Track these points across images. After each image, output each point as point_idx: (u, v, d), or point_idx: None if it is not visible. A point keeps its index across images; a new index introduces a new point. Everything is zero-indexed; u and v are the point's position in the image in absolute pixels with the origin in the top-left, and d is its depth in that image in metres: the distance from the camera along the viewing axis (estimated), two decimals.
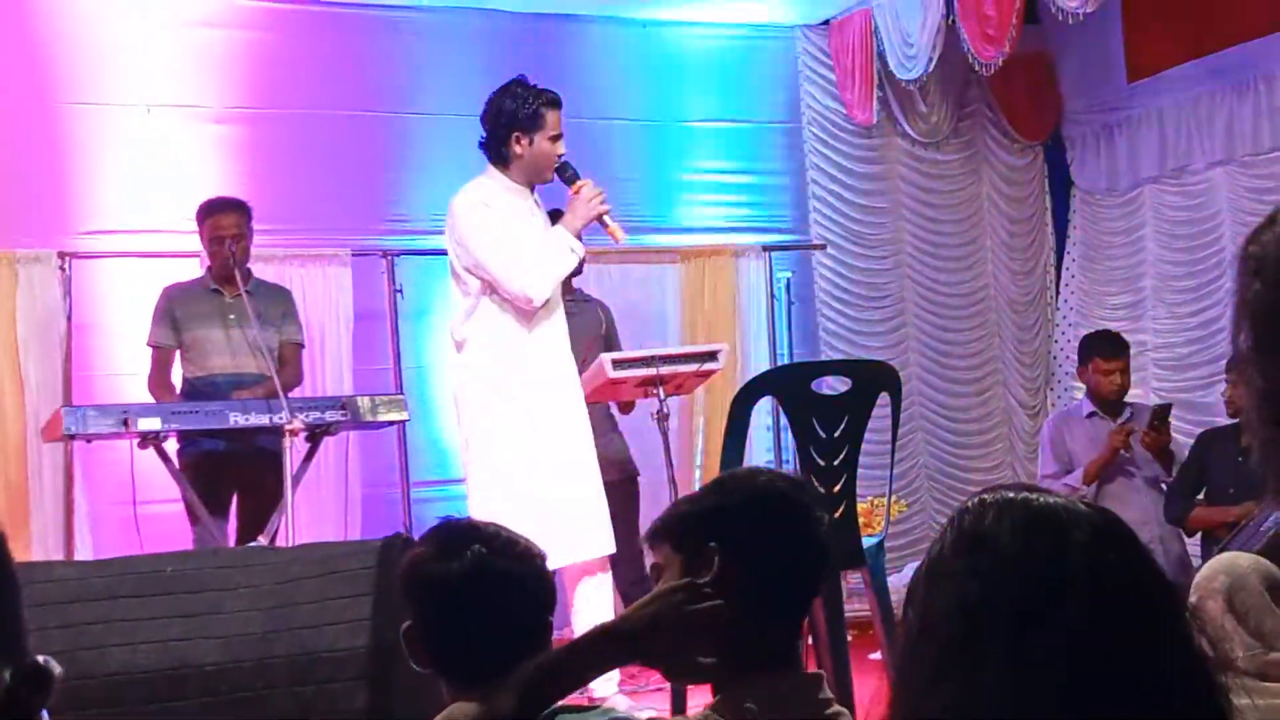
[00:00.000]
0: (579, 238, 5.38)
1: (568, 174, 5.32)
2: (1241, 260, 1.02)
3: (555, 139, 5.29)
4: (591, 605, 5.28)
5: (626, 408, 6.44)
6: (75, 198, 7.05)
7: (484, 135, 5.35)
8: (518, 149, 5.30)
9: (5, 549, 1.07)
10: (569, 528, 5.15)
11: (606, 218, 5.27)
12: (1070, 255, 8.70)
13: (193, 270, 6.47)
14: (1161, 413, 6.55)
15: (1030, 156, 8.91)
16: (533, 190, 5.39)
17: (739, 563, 2.14)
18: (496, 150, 5.34)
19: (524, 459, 5.21)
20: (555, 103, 5.32)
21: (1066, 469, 6.72)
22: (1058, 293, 8.79)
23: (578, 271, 6.00)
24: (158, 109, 7.18)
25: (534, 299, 5.21)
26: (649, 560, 2.29)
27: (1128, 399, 6.83)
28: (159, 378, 6.17)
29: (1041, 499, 1.37)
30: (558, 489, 5.21)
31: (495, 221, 5.22)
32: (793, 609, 2.25)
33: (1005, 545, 1.33)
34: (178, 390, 6.14)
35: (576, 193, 5.30)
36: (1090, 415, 6.79)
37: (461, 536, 2.49)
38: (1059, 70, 8.62)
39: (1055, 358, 8.77)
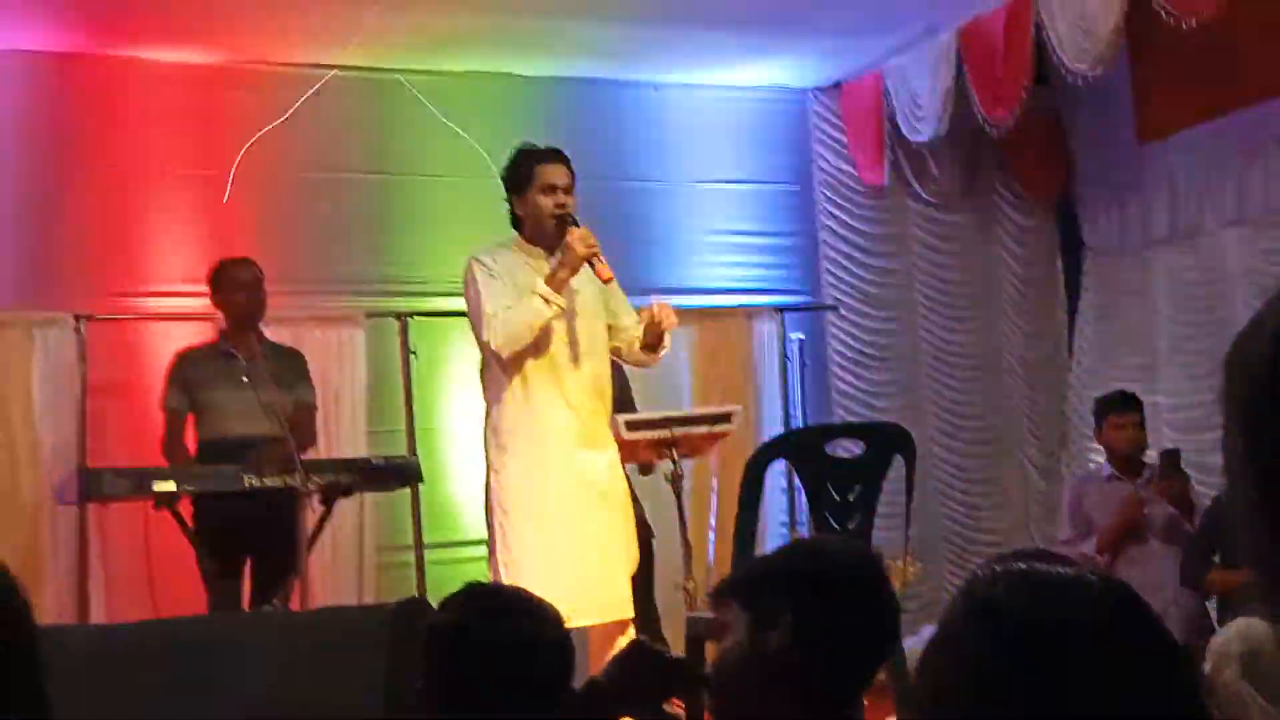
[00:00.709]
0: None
1: (566, 224, 5.28)
2: (1227, 369, 1.02)
3: (549, 190, 5.28)
4: None
5: (645, 470, 6.43)
6: (91, 261, 7.09)
7: None
8: (519, 211, 5.37)
9: (29, 616, 1.05)
10: (587, 590, 5.15)
11: (595, 260, 5.24)
12: (1083, 316, 8.70)
13: (206, 334, 6.50)
14: (1171, 459, 6.52)
15: (1041, 217, 8.92)
16: (554, 248, 5.38)
17: (809, 631, 2.15)
18: (510, 216, 5.41)
19: (539, 519, 5.22)
20: (548, 157, 5.32)
21: (1084, 533, 6.68)
22: (1070, 353, 8.78)
23: None
24: (173, 172, 7.24)
25: (498, 351, 5.17)
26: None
27: (1146, 460, 6.80)
28: (173, 441, 6.18)
29: (1052, 570, 1.37)
30: (575, 550, 5.21)
31: (480, 277, 5.26)
32: (854, 682, 2.25)
33: (1016, 617, 1.33)
34: (191, 453, 6.16)
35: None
36: (1110, 478, 6.76)
37: (488, 600, 2.50)
38: (1070, 131, 8.64)
39: (1069, 419, 8.75)
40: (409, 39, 7.30)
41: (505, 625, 2.43)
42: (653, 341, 5.37)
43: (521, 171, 5.33)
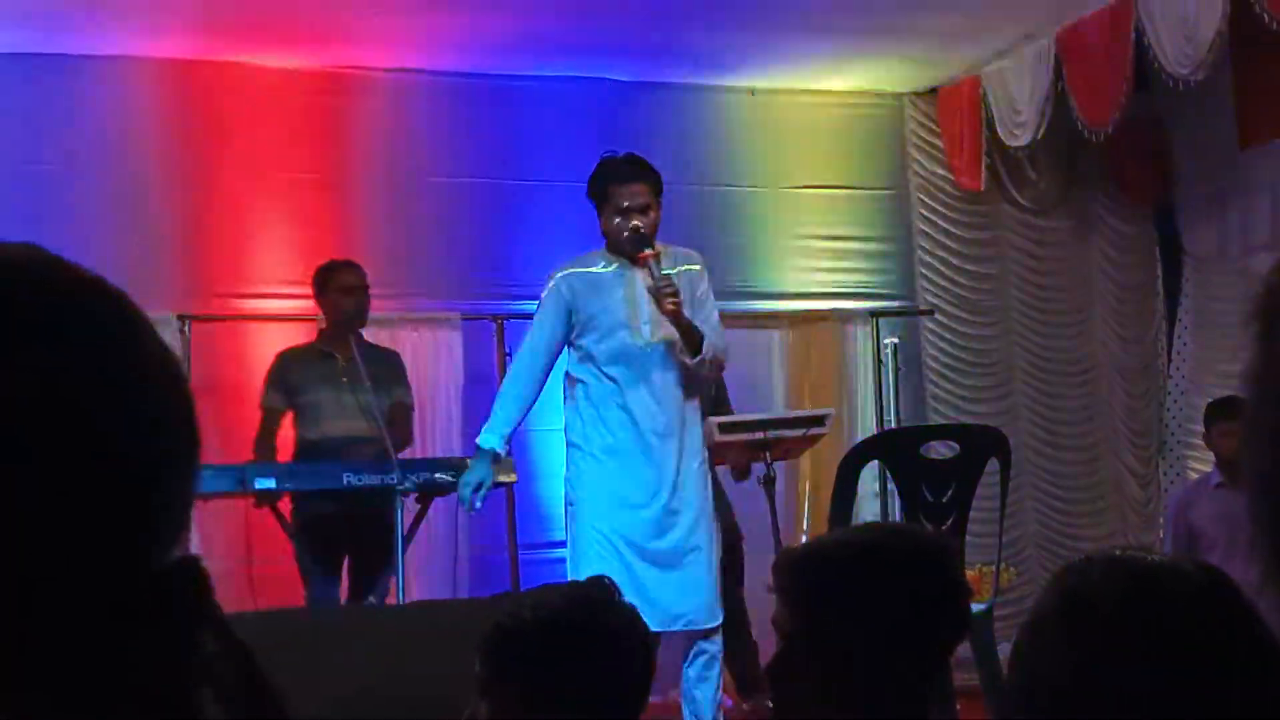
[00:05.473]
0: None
1: (640, 245, 5.25)
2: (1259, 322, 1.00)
3: (623, 213, 5.27)
4: (695, 669, 5.30)
5: (741, 474, 6.42)
6: (195, 261, 7.21)
7: None
8: (602, 223, 5.40)
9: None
10: (672, 596, 5.17)
11: (661, 296, 5.18)
12: (1182, 323, 8.60)
13: (308, 335, 6.59)
14: None
15: (1141, 223, 8.83)
16: (634, 262, 5.35)
17: (847, 617, 2.05)
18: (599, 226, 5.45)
19: (613, 527, 5.24)
20: (621, 176, 5.30)
21: (1187, 545, 6.53)
22: (1169, 360, 8.69)
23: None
24: (275, 175, 7.35)
25: None
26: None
27: None
28: (266, 439, 6.26)
29: (1147, 558, 1.37)
30: (661, 556, 5.23)
31: (541, 306, 5.42)
32: (910, 673, 2.08)
33: (1111, 605, 1.33)
34: (291, 452, 6.24)
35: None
36: (1218, 486, 6.62)
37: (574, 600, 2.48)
38: (1170, 137, 8.54)
39: (1167, 425, 8.66)
40: (506, 44, 7.36)
41: (588, 622, 2.41)
42: (673, 323, 5.27)
43: (598, 190, 5.36)
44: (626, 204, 5.28)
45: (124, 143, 7.18)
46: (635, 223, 5.25)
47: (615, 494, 5.25)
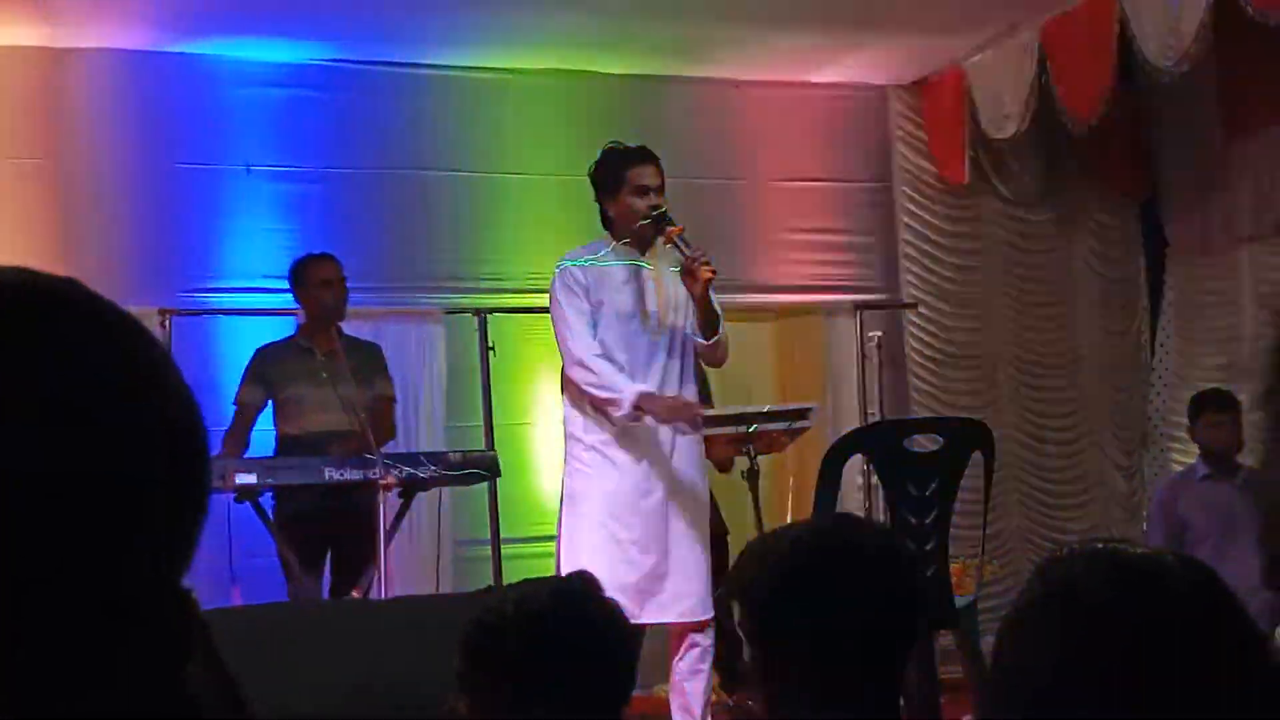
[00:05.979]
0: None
1: (662, 223, 5.25)
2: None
3: (641, 192, 5.29)
4: (687, 662, 5.29)
5: (723, 468, 6.42)
6: (176, 255, 7.19)
7: None
8: (610, 212, 5.38)
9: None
10: (669, 587, 5.17)
11: (696, 265, 5.21)
12: (1165, 316, 8.60)
13: (288, 329, 6.56)
14: None
15: (1125, 216, 8.83)
16: (647, 249, 5.40)
17: (813, 616, 2.04)
18: (601, 218, 5.42)
19: (613, 518, 5.23)
20: (638, 159, 5.32)
21: (1177, 538, 6.55)
22: (1153, 353, 8.69)
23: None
24: (257, 169, 7.33)
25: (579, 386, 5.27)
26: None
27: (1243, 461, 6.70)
28: (237, 434, 6.24)
29: (1130, 550, 1.36)
30: (659, 547, 5.22)
31: (562, 296, 5.30)
32: (878, 665, 2.08)
33: (1094, 598, 1.32)
34: (272, 447, 6.23)
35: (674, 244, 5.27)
36: (1204, 478, 6.65)
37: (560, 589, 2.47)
38: (1154, 129, 8.54)
39: (1151, 419, 8.66)
40: (491, 37, 7.34)
41: (573, 612, 2.40)
42: (699, 299, 5.26)
43: (612, 174, 5.35)
44: (645, 183, 5.29)
45: (102, 136, 7.15)
46: (657, 201, 5.27)
47: (617, 486, 5.24)
